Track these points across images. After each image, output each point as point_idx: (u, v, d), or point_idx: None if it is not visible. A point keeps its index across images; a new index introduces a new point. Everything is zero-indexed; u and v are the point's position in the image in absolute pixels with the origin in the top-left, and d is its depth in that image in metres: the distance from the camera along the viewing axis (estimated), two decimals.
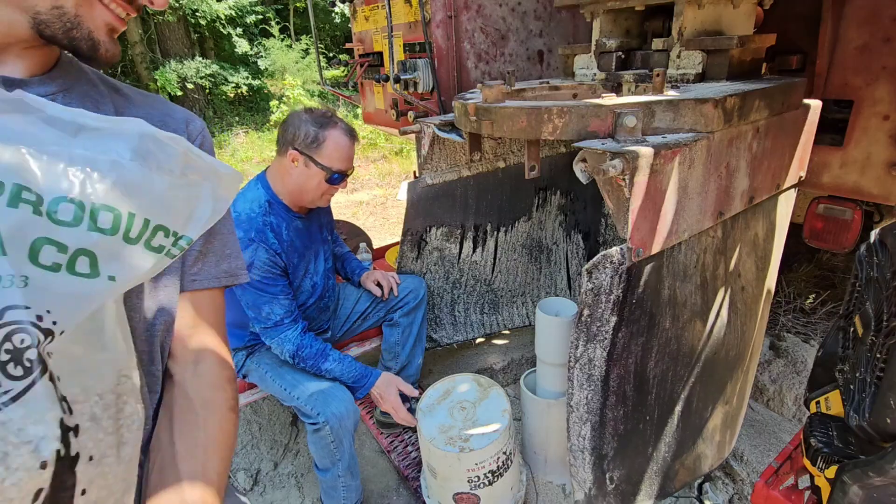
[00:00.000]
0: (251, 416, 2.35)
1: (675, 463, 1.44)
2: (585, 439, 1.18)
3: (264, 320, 1.65)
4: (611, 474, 1.26)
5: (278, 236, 1.65)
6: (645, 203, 0.98)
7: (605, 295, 1.04)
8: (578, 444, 1.19)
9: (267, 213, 1.64)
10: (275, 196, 1.69)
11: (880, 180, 1.75)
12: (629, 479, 1.32)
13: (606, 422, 1.18)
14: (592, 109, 1.09)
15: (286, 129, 1.63)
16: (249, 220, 1.61)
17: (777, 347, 2.45)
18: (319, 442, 1.68)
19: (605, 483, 1.26)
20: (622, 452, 1.26)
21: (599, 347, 1.08)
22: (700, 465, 1.56)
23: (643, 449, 1.33)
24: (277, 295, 1.64)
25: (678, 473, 1.48)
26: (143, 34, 8.69)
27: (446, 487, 1.65)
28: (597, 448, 1.20)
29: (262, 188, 1.68)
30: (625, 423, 1.22)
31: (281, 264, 1.66)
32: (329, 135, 1.62)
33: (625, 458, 1.28)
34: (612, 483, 1.28)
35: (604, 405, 1.15)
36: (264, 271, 1.61)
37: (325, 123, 1.63)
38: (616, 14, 1.59)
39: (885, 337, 0.97)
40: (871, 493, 0.93)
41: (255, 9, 10.80)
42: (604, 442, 1.20)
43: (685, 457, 1.48)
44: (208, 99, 10.05)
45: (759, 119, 1.20)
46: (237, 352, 1.83)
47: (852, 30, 1.71)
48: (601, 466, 1.23)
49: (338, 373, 1.73)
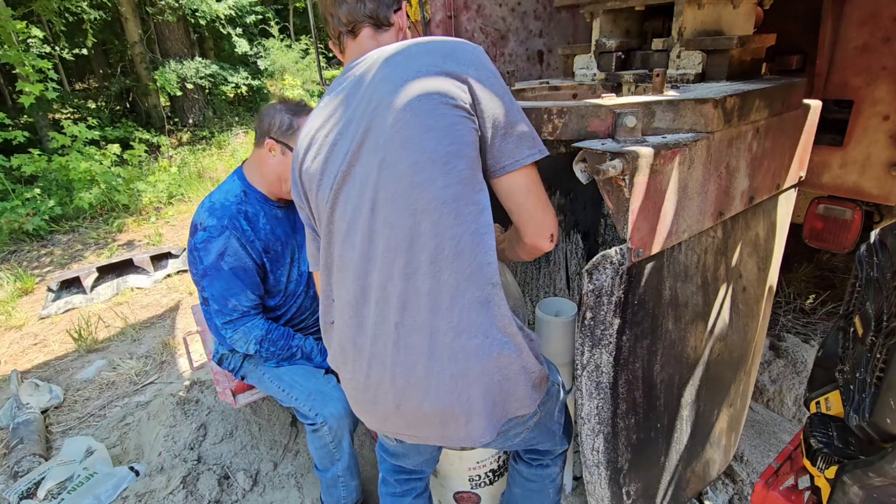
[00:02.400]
0: (251, 416, 2.35)
1: (686, 471, 1.43)
2: (599, 452, 1.16)
3: (230, 312, 1.63)
4: (627, 489, 1.25)
5: (253, 224, 1.64)
6: (645, 203, 0.98)
7: (606, 296, 1.03)
8: (593, 458, 1.18)
9: (242, 202, 1.64)
10: (250, 186, 1.68)
11: (880, 180, 1.75)
12: (645, 492, 1.31)
13: (619, 432, 1.17)
14: (592, 109, 1.09)
15: (262, 120, 1.63)
16: (223, 208, 1.61)
17: (777, 347, 2.45)
18: (318, 442, 1.68)
19: (623, 498, 1.25)
20: (636, 464, 1.25)
21: (605, 352, 1.08)
22: (709, 470, 1.55)
23: (656, 459, 1.32)
24: (246, 288, 1.63)
25: (690, 481, 1.47)
26: (142, 34, 8.67)
27: (447, 486, 1.65)
28: (612, 461, 1.18)
29: (239, 179, 1.68)
30: (637, 432, 1.21)
31: (254, 255, 1.64)
32: (303, 121, 1.61)
33: (639, 470, 1.26)
34: (629, 498, 1.26)
35: (615, 414, 1.14)
36: (237, 259, 1.60)
37: (300, 111, 1.63)
38: (616, 14, 1.59)
39: (885, 337, 0.97)
40: (871, 493, 0.93)
41: (254, 9, 10.79)
42: (618, 454, 1.19)
43: (695, 463, 1.46)
44: (208, 99, 10.04)
45: (759, 119, 1.20)
46: (234, 354, 1.83)
47: (852, 30, 1.71)
48: (617, 481, 1.22)
49: (307, 347, 1.75)
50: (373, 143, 0.93)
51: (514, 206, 1.01)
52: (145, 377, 3.02)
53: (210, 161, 7.98)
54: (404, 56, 0.95)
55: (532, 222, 1.02)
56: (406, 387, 0.96)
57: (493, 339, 0.94)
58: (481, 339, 0.93)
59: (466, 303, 0.92)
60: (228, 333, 1.67)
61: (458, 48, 0.96)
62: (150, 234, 5.40)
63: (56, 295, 4.02)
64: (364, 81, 0.98)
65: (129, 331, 3.55)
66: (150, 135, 8.11)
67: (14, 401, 2.68)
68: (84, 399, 2.86)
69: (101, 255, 5.02)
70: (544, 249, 1.05)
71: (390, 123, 0.90)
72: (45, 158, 6.07)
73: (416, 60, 0.94)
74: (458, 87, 0.91)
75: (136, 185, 6.37)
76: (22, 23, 5.61)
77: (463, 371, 0.94)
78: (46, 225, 5.58)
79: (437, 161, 0.89)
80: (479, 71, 0.94)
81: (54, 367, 3.22)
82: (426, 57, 0.94)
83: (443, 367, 0.94)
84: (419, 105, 0.89)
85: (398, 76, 0.92)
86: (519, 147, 0.95)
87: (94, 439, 2.30)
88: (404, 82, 0.91)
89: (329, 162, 1.00)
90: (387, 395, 0.99)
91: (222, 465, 2.16)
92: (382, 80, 0.94)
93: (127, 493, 2.01)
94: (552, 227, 1.03)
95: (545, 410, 1.14)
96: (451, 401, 0.95)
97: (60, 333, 3.59)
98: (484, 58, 0.97)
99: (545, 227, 1.03)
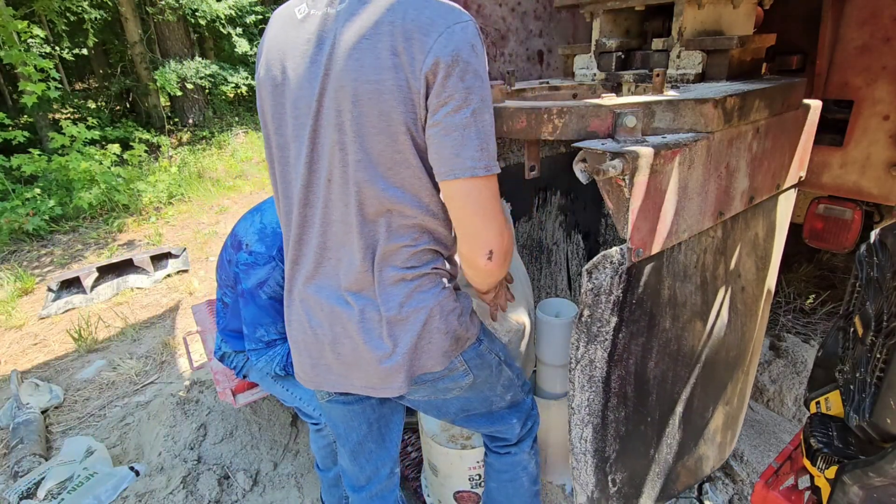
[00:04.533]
0: (251, 416, 2.35)
1: (676, 465, 1.44)
2: (587, 442, 1.18)
3: (256, 341, 1.60)
4: (613, 477, 1.26)
5: None
6: (645, 203, 0.98)
7: (605, 295, 1.03)
8: (580, 446, 1.19)
9: None
10: None
11: (880, 180, 1.75)
12: (631, 481, 1.32)
13: (608, 424, 1.18)
14: (592, 109, 1.09)
15: None
16: (275, 236, 1.54)
17: (777, 347, 2.45)
18: (321, 441, 1.68)
19: (608, 486, 1.26)
20: (624, 454, 1.26)
21: (600, 348, 1.08)
22: (702, 466, 1.56)
23: (645, 451, 1.33)
24: (278, 319, 1.57)
25: (680, 475, 1.48)
26: (142, 34, 8.67)
27: (447, 485, 1.65)
28: (599, 450, 1.19)
29: None
30: (626, 424, 1.22)
31: None
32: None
33: (627, 460, 1.27)
34: (615, 486, 1.28)
35: (605, 407, 1.15)
36: (275, 291, 1.54)
37: None
38: (616, 14, 1.59)
39: (885, 337, 0.97)
40: (871, 493, 0.93)
41: (254, 9, 10.78)
42: (606, 444, 1.20)
43: (687, 458, 1.47)
44: (208, 99, 10.04)
45: (759, 119, 1.20)
46: (238, 354, 1.83)
47: (852, 30, 1.71)
48: (603, 469, 1.23)
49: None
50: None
51: (452, 214, 0.96)
52: (145, 377, 3.02)
53: (210, 161, 7.98)
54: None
55: (465, 234, 0.95)
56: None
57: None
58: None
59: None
60: (254, 359, 1.64)
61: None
62: (150, 234, 5.40)
63: (56, 295, 4.02)
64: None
65: (129, 331, 3.55)
66: (150, 135, 8.11)
67: (14, 401, 2.68)
68: (84, 399, 2.86)
69: (101, 255, 5.02)
70: (480, 266, 0.97)
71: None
72: (45, 158, 6.07)
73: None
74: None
75: (136, 185, 6.37)
76: (24, 22, 5.61)
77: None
78: (46, 225, 5.58)
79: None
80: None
81: (54, 367, 3.22)
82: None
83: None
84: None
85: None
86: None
87: (94, 439, 2.30)
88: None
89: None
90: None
91: (222, 465, 2.16)
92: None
93: (127, 493, 2.02)
94: (491, 242, 0.94)
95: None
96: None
97: (60, 333, 3.59)
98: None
99: (482, 243, 0.94)
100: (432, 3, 0.87)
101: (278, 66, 0.97)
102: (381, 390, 1.06)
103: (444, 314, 1.03)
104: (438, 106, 0.86)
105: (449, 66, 0.84)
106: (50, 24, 7.52)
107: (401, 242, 0.97)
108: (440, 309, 1.02)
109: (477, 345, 1.13)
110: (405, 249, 0.98)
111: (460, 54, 0.85)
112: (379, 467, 1.34)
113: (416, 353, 1.03)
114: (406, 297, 0.99)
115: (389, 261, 0.98)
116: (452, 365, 1.08)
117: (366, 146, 0.90)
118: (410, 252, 0.98)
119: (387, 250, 0.97)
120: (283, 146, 1.01)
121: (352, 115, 0.89)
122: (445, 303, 1.03)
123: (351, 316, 1.01)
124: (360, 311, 1.01)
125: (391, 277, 0.99)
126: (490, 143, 0.90)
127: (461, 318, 1.07)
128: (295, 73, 0.94)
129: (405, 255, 0.98)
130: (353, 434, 1.28)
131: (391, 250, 0.97)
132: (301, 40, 0.93)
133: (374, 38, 0.86)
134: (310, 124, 0.94)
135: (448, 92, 0.85)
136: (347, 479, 1.38)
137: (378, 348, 1.01)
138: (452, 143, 0.87)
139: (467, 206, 0.92)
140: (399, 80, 0.86)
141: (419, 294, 1.00)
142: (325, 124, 0.93)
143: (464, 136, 0.87)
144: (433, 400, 1.16)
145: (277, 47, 0.97)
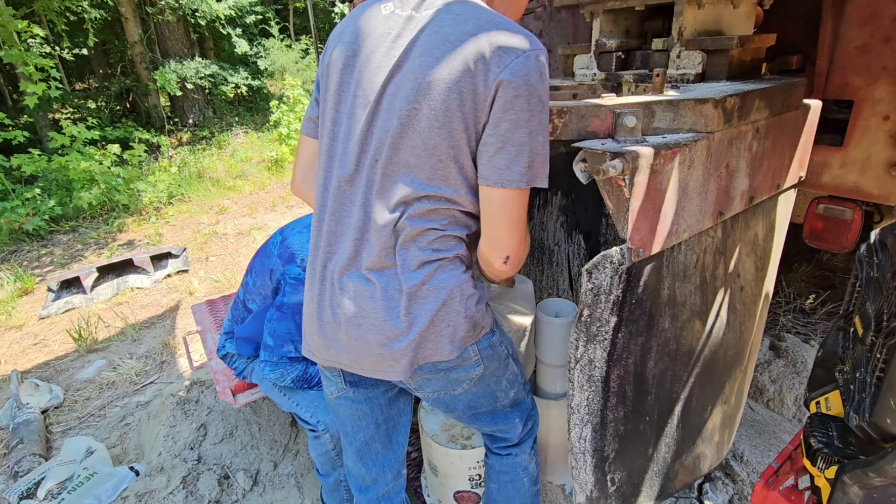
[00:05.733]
0: (251, 416, 2.35)
1: (675, 463, 1.44)
2: (587, 441, 1.18)
3: (279, 355, 1.59)
4: (612, 476, 1.26)
5: None
6: (645, 203, 0.98)
7: (604, 295, 1.03)
8: (580, 446, 1.19)
9: None
10: None
11: (880, 180, 1.75)
12: (630, 480, 1.32)
13: (607, 423, 1.18)
14: (592, 109, 1.09)
15: None
16: None
17: (777, 347, 2.45)
18: (319, 448, 1.67)
19: (607, 485, 1.26)
20: (623, 454, 1.26)
21: (600, 348, 1.08)
22: (700, 465, 1.56)
23: (644, 450, 1.33)
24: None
25: (678, 474, 1.48)
26: (142, 34, 8.67)
27: (447, 485, 1.65)
28: (598, 450, 1.20)
29: None
30: (625, 424, 1.22)
31: None
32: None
33: (626, 459, 1.27)
34: (614, 485, 1.28)
35: (604, 406, 1.15)
36: None
37: None
38: (616, 14, 1.59)
39: (885, 337, 0.97)
40: (871, 493, 0.93)
41: (254, 9, 10.78)
42: (605, 443, 1.20)
43: (685, 457, 1.48)
44: (208, 99, 10.04)
45: (759, 119, 1.20)
46: (240, 358, 1.83)
47: (852, 30, 1.71)
48: (602, 468, 1.23)
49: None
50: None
51: (483, 215, 1.03)
52: (145, 377, 3.02)
53: (210, 161, 7.98)
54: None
55: (490, 236, 1.04)
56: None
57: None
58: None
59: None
60: (267, 371, 1.62)
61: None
62: (150, 234, 5.40)
63: (56, 295, 4.02)
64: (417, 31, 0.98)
65: (129, 331, 3.55)
66: (150, 135, 8.11)
67: (14, 401, 2.68)
68: (84, 399, 2.86)
69: (101, 255, 5.03)
70: (495, 266, 1.06)
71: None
72: (45, 158, 6.07)
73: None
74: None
75: (136, 184, 6.37)
76: (24, 22, 5.61)
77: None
78: (46, 225, 5.58)
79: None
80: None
81: (54, 367, 3.22)
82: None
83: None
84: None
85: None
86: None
87: (94, 439, 2.30)
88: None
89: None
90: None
91: (222, 465, 2.16)
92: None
93: (127, 493, 2.02)
94: (510, 250, 1.04)
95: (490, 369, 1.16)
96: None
97: (60, 333, 3.59)
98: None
99: (503, 248, 1.04)
100: (514, 28, 0.96)
101: (355, 48, 1.03)
102: (389, 372, 1.07)
103: (464, 297, 1.05)
104: (502, 120, 0.94)
105: (519, 87, 0.92)
106: (50, 23, 7.52)
107: (430, 226, 1.02)
108: (460, 291, 1.05)
109: (490, 335, 1.14)
110: (433, 232, 1.02)
111: (530, 79, 0.93)
112: (385, 469, 1.35)
113: (431, 333, 1.04)
114: (429, 275, 1.02)
115: (416, 241, 1.02)
116: (466, 354, 1.09)
117: (423, 136, 0.96)
118: (438, 235, 1.03)
119: (414, 232, 1.01)
120: (336, 121, 1.07)
121: (416, 105, 0.95)
122: (465, 286, 1.06)
123: (373, 292, 1.04)
124: (382, 287, 1.04)
125: (415, 257, 1.02)
126: (536, 162, 0.97)
127: (479, 304, 1.09)
128: (367, 58, 1.01)
129: (431, 237, 1.02)
130: (360, 434, 1.28)
131: (418, 232, 1.01)
132: (381, 31, 1.01)
133: (458, 43, 0.94)
134: (370, 106, 1.00)
135: (514, 110, 0.93)
136: (353, 480, 1.38)
137: (395, 326, 1.03)
138: (507, 155, 0.95)
139: (500, 213, 1.00)
140: (473, 84, 0.93)
141: (441, 273, 1.03)
142: (386, 108, 0.99)
143: (518, 153, 0.95)
144: (442, 397, 1.17)
145: (358, 32, 1.04)
